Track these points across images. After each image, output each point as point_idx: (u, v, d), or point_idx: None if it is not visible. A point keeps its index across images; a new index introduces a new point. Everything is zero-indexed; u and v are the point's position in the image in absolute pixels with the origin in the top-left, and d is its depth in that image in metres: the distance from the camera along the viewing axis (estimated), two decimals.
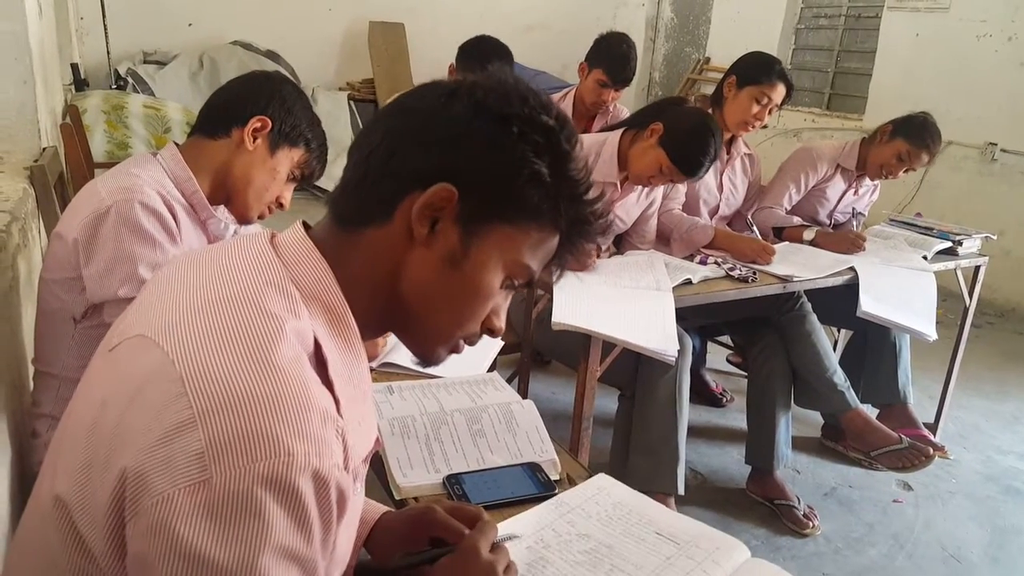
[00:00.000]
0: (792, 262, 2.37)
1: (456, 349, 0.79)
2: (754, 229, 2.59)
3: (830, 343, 2.55)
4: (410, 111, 0.73)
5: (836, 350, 2.97)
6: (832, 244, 2.58)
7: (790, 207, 2.81)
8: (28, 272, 1.62)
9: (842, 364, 2.52)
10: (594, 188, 0.75)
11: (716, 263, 2.29)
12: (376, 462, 1.13)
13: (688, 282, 2.11)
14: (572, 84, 3.25)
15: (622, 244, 2.48)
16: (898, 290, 2.42)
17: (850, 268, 2.40)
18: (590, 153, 2.18)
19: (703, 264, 2.28)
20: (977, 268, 2.76)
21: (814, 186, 2.83)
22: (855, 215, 2.95)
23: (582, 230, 0.76)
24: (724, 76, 2.54)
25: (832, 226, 2.91)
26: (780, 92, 2.46)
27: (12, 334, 1.40)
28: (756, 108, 2.46)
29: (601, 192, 0.76)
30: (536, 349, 2.39)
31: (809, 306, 2.46)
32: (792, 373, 2.43)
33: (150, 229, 1.29)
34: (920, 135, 2.63)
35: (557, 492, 1.09)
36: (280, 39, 6.17)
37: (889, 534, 2.30)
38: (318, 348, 0.68)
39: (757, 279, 2.22)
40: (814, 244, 2.60)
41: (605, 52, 2.92)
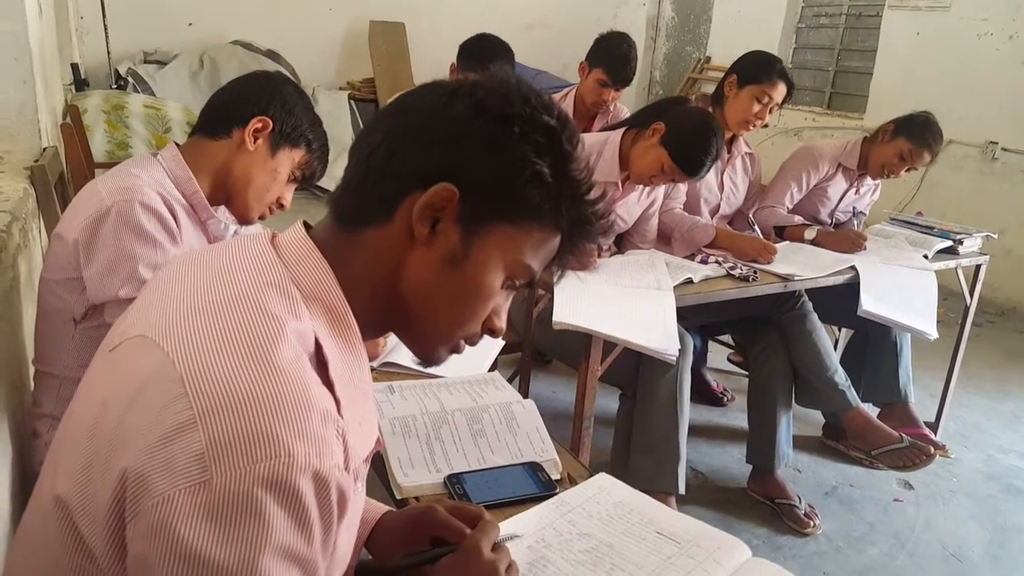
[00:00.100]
0: (793, 261, 2.37)
1: (457, 349, 0.79)
2: (756, 228, 2.59)
3: (831, 342, 2.55)
4: (411, 111, 0.73)
5: (837, 349, 2.97)
6: (833, 243, 2.58)
7: (791, 206, 2.81)
8: (28, 272, 1.62)
9: (843, 363, 2.52)
10: (595, 188, 0.75)
11: (717, 262, 2.29)
12: (377, 462, 1.13)
13: (689, 281, 2.11)
14: (572, 83, 3.25)
15: (623, 243, 2.48)
16: (899, 289, 2.42)
17: (851, 267, 2.40)
18: (591, 153, 2.18)
19: (704, 263, 2.28)
20: (978, 267, 2.76)
21: (815, 185, 2.83)
22: (856, 214, 2.95)
23: (583, 230, 0.75)
24: (725, 75, 2.54)
25: (833, 225, 2.91)
26: (781, 91, 2.46)
27: (12, 334, 1.40)
28: (757, 107, 2.46)
29: (602, 192, 0.76)
30: (537, 349, 2.39)
31: (810, 305, 2.46)
32: (793, 372, 2.43)
33: (150, 229, 1.29)
34: (922, 134, 2.63)
35: (558, 491, 1.09)
36: (280, 39, 6.16)
37: (890, 533, 2.30)
38: (319, 349, 0.68)
39: (758, 278, 2.22)
40: (815, 243, 2.61)
41: (605, 51, 2.92)
